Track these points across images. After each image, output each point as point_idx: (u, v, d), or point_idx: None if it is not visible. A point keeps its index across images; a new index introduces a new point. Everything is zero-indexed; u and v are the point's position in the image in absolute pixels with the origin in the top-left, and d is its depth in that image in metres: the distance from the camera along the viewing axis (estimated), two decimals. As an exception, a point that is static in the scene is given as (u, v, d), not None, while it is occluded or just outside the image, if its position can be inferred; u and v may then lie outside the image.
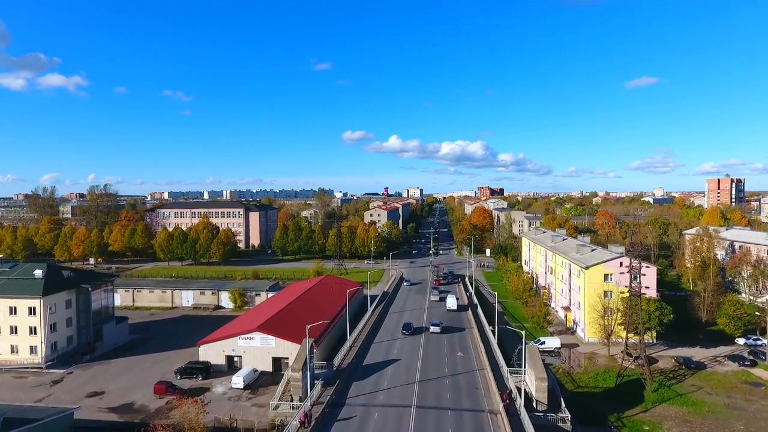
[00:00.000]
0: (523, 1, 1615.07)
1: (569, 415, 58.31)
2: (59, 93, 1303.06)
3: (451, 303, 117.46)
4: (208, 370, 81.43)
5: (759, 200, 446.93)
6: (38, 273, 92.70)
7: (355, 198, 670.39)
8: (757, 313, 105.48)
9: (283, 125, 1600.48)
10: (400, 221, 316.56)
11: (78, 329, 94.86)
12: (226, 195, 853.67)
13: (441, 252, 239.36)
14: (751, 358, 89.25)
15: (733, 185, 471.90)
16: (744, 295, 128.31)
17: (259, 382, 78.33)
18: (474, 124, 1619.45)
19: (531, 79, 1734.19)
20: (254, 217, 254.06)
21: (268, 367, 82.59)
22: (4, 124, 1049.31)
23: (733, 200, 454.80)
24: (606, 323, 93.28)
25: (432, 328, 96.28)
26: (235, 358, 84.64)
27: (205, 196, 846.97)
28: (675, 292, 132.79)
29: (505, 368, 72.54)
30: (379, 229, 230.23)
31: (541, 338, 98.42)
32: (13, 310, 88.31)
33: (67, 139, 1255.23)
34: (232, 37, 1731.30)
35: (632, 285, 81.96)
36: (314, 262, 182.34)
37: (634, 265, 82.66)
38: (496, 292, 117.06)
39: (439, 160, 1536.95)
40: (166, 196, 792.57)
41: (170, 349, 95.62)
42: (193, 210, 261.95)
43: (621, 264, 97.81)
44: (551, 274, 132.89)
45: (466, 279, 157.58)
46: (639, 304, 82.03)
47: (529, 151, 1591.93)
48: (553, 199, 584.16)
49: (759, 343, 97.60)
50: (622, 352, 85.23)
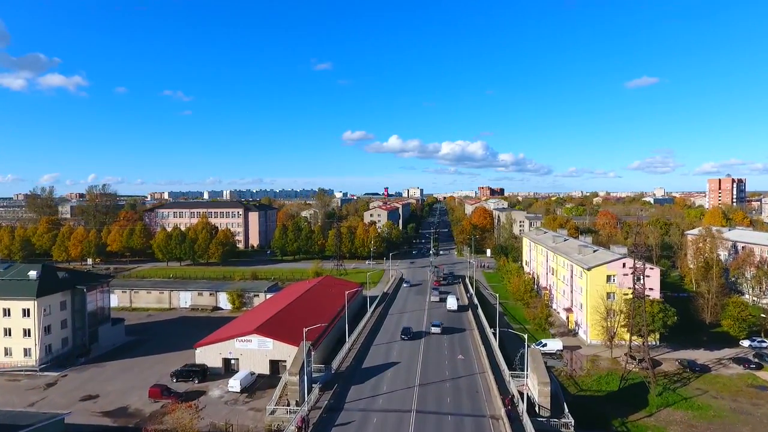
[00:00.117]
0: (523, 1, 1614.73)
1: (572, 421, 56.93)
2: (59, 93, 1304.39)
3: (452, 303, 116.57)
4: (204, 373, 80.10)
5: (760, 200, 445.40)
6: (33, 274, 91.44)
7: (355, 198, 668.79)
8: (762, 315, 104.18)
9: (283, 125, 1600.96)
10: (400, 221, 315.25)
11: (73, 331, 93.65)
12: (226, 195, 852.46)
13: (441, 252, 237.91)
14: (757, 360, 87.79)
15: (735, 185, 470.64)
16: (747, 296, 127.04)
17: (257, 386, 77.01)
18: (474, 124, 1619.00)
19: (531, 79, 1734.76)
20: (253, 217, 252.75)
21: (265, 370, 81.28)
22: (4, 124, 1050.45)
23: (735, 200, 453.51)
24: (609, 325, 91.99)
25: (433, 329, 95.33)
26: (232, 361, 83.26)
27: (205, 196, 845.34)
28: (678, 293, 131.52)
29: (506, 371, 71.22)
30: (379, 230, 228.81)
31: (542, 340, 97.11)
32: (7, 312, 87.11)
33: (67, 139, 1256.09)
34: (232, 37, 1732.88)
35: (636, 286, 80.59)
36: (313, 263, 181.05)
37: (638, 266, 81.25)
38: (497, 294, 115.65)
39: (439, 160, 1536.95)
40: (166, 196, 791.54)
41: (167, 351, 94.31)
42: (192, 210, 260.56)
43: (624, 265, 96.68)
44: (553, 275, 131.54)
45: (467, 280, 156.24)
46: (643, 306, 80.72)
47: (529, 151, 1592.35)
48: (554, 199, 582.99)
49: (764, 345, 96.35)
50: (625, 355, 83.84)
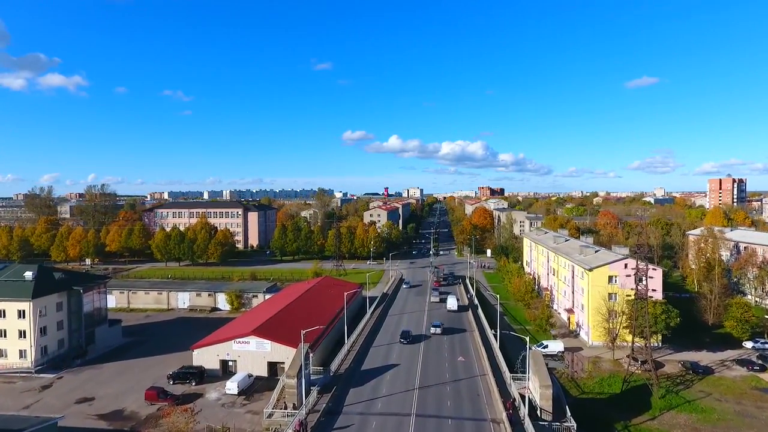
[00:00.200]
0: (523, 1, 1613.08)
1: (575, 425, 55.97)
2: (59, 93, 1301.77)
3: (452, 303, 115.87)
4: (201, 375, 79.10)
5: (761, 200, 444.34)
6: (28, 275, 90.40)
7: (355, 198, 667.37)
8: (765, 316, 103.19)
9: (283, 125, 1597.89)
10: (400, 221, 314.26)
11: (69, 332, 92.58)
12: (226, 195, 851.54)
13: (441, 252, 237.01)
14: (760, 362, 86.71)
15: (735, 185, 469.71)
16: (750, 297, 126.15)
17: (254, 388, 76.02)
18: (474, 124, 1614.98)
19: (531, 79, 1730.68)
20: (253, 217, 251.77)
21: (263, 372, 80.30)
22: (4, 124, 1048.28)
23: (735, 200, 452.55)
24: (611, 326, 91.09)
25: (433, 329, 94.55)
26: (230, 363, 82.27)
27: (205, 196, 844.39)
28: (680, 293, 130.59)
29: (507, 374, 70.24)
30: (379, 230, 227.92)
31: (544, 342, 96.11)
32: (2, 313, 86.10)
33: (67, 139, 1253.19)
34: (232, 37, 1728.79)
35: (639, 287, 79.56)
36: (313, 263, 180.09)
37: (641, 267, 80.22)
38: (498, 294, 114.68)
39: (439, 160, 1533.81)
40: (166, 196, 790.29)
41: (164, 353, 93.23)
42: (192, 210, 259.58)
43: (626, 266, 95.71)
44: (554, 275, 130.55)
45: (467, 280, 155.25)
46: (646, 307, 79.69)
47: (529, 151, 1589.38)
48: (554, 199, 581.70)
49: (767, 346, 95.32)
50: (627, 357, 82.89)
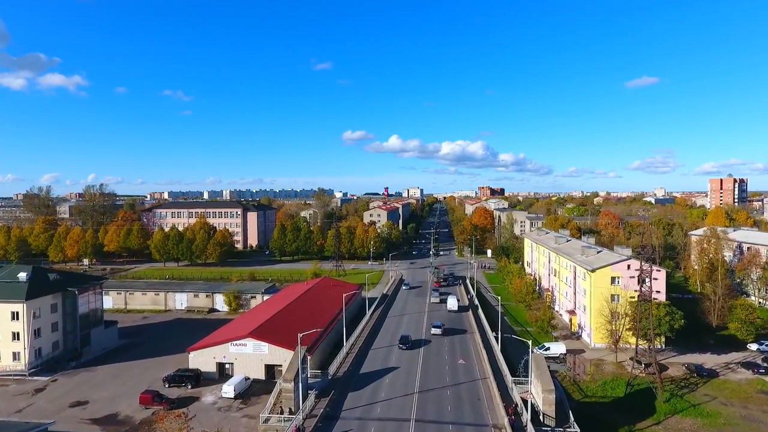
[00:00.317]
0: (523, 1, 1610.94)
1: (578, 430, 54.61)
2: (59, 93, 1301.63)
3: (452, 304, 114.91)
4: (197, 378, 77.77)
5: (762, 200, 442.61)
6: (22, 276, 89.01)
7: (355, 198, 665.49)
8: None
9: (283, 125, 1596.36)
10: (400, 221, 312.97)
11: (64, 334, 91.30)
12: (226, 195, 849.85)
13: (441, 253, 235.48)
14: (766, 365, 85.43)
15: (736, 185, 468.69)
16: (753, 298, 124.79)
17: (251, 391, 74.68)
18: (474, 124, 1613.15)
19: (531, 79, 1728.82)
20: (252, 218, 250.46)
21: (261, 374, 79.02)
22: (4, 124, 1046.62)
23: (736, 200, 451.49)
24: (613, 328, 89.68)
25: (433, 330, 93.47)
26: (227, 366, 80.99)
27: (205, 196, 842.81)
28: (682, 294, 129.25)
29: (509, 377, 68.81)
30: (379, 230, 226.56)
31: (545, 344, 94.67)
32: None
33: (67, 139, 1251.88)
34: (232, 37, 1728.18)
35: (642, 289, 78.28)
36: (312, 263, 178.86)
37: (644, 268, 78.92)
38: (498, 296, 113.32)
39: (440, 160, 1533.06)
40: (166, 196, 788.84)
41: (161, 355, 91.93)
42: (191, 210, 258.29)
43: (629, 267, 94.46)
44: (555, 276, 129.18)
45: (467, 281, 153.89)
46: (650, 308, 78.38)
47: (529, 151, 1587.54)
48: (554, 199, 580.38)
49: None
50: (631, 359, 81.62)
